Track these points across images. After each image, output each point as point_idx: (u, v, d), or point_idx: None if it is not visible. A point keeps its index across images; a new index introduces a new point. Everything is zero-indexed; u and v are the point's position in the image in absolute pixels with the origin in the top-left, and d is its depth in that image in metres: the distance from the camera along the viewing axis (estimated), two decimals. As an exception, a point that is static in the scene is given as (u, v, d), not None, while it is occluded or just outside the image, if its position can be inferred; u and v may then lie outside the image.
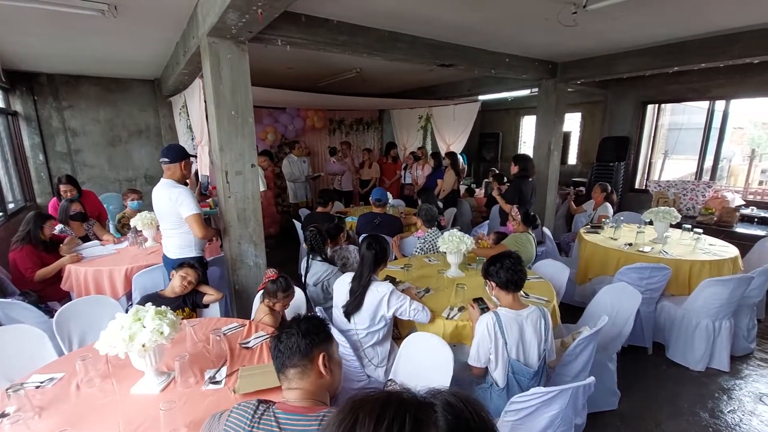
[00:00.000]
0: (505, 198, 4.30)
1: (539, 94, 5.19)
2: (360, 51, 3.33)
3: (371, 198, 4.35)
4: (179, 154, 2.69)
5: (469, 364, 1.94)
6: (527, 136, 8.70)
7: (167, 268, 2.79)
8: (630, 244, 3.61)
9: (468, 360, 1.94)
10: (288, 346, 1.17)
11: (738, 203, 5.16)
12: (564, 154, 7.39)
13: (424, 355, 1.97)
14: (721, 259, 3.26)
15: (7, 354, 1.99)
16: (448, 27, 3.36)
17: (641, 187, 6.70)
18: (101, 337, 1.53)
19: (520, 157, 4.41)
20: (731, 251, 3.43)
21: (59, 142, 5.44)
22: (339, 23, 3.10)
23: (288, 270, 2.47)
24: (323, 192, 4.67)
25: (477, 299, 2.20)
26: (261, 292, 2.28)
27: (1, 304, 2.47)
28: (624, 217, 4.54)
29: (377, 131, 8.90)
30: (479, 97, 6.93)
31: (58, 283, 3.16)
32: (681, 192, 5.60)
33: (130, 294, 3.04)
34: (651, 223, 3.91)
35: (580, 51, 4.35)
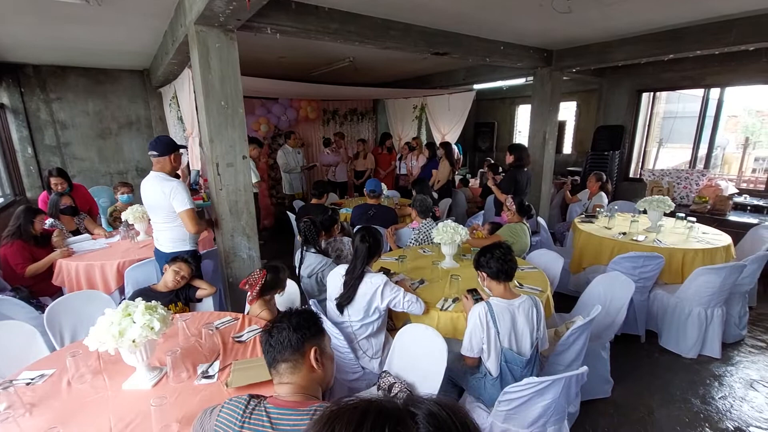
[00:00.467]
0: (501, 188, 4.29)
1: (534, 82, 5.14)
2: (352, 39, 3.26)
3: (365, 189, 4.32)
4: (168, 146, 2.64)
5: (462, 354, 1.94)
6: (522, 125, 8.66)
7: (160, 262, 2.76)
8: (624, 233, 3.62)
9: (461, 350, 1.94)
10: (279, 340, 1.15)
11: (731, 191, 5.18)
12: (559, 143, 7.37)
13: (418, 347, 1.97)
14: (714, 248, 3.28)
15: (-1, 350, 1.97)
16: (441, 14, 3.30)
17: (636, 176, 6.70)
18: (90, 333, 1.51)
19: (515, 147, 4.39)
20: (724, 239, 3.45)
21: (48, 134, 5.34)
22: (330, 10, 3.03)
23: (284, 262, 2.46)
24: (318, 183, 4.64)
25: (471, 290, 2.20)
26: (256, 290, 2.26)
27: (-9, 300, 2.45)
28: (618, 206, 4.56)
29: (372, 121, 8.83)
30: (474, 87, 6.87)
31: (49, 279, 3.13)
32: (675, 181, 5.61)
33: (122, 288, 3.02)
34: (645, 212, 3.92)
35: (575, 38, 4.31)
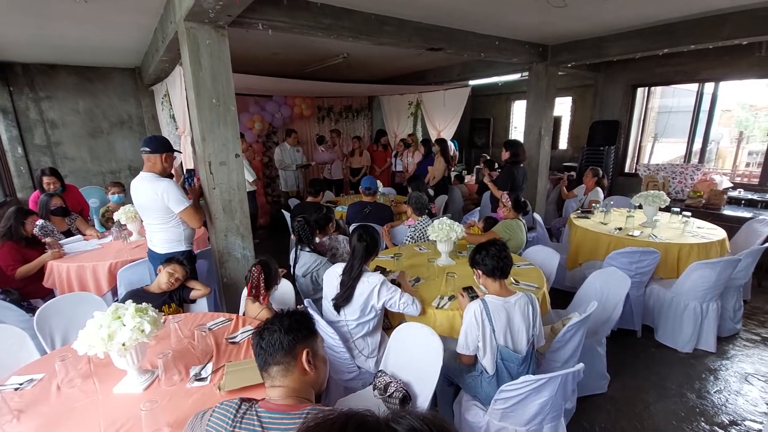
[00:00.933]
0: (497, 184, 4.27)
1: (529, 78, 5.12)
2: (346, 35, 3.22)
3: (361, 187, 4.30)
4: (161, 145, 2.59)
5: (458, 352, 1.93)
6: (518, 121, 8.64)
7: (154, 263, 2.72)
8: (620, 228, 3.62)
9: (456, 348, 1.93)
10: (270, 342, 1.13)
11: (726, 186, 5.19)
12: (555, 138, 7.35)
13: (413, 345, 1.95)
14: (709, 242, 3.28)
15: (-13, 355, 1.94)
16: (436, 9, 3.27)
17: (631, 171, 6.71)
18: (79, 337, 1.48)
19: (510, 143, 4.37)
20: (719, 234, 3.46)
21: (38, 134, 5.26)
22: (323, 6, 2.99)
23: (278, 261, 2.44)
24: (313, 182, 4.60)
25: (467, 288, 2.18)
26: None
27: (-21, 303, 2.41)
28: (614, 202, 4.56)
29: (367, 118, 8.78)
30: (469, 82, 6.85)
31: (40, 281, 3.08)
32: (670, 175, 5.61)
33: (115, 290, 2.98)
34: (641, 207, 3.92)
35: (570, 33, 4.29)
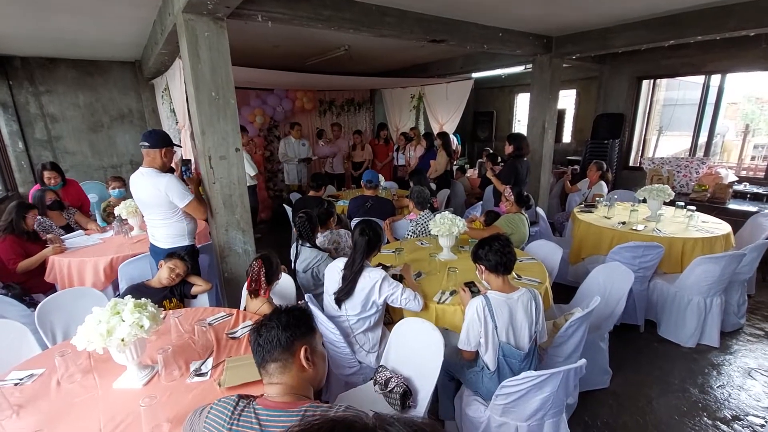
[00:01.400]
0: (501, 178, 4.23)
1: (533, 70, 5.05)
2: (346, 26, 3.18)
3: (362, 180, 4.27)
4: (160, 140, 2.57)
5: (459, 348, 1.92)
6: (522, 114, 8.56)
7: (156, 257, 2.71)
8: (623, 222, 3.58)
9: (458, 344, 1.92)
10: (268, 339, 1.12)
11: (731, 179, 5.13)
12: (558, 132, 7.29)
13: (414, 341, 1.94)
14: (714, 236, 3.25)
15: (-12, 349, 1.94)
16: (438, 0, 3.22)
17: (635, 165, 6.65)
18: (78, 332, 1.47)
19: (514, 136, 4.32)
20: (724, 228, 3.42)
21: (38, 128, 5.24)
22: (323, -4, 2.95)
23: (280, 255, 2.43)
24: (315, 176, 4.59)
25: (468, 283, 2.17)
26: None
27: (-19, 298, 2.41)
28: (618, 196, 4.52)
29: (369, 112, 8.72)
30: (472, 75, 6.77)
31: (42, 275, 3.09)
32: (675, 169, 5.56)
33: (117, 284, 2.98)
34: (645, 201, 3.89)
35: (575, 24, 4.22)
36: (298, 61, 6.02)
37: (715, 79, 5.58)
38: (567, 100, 7.67)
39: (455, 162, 6.91)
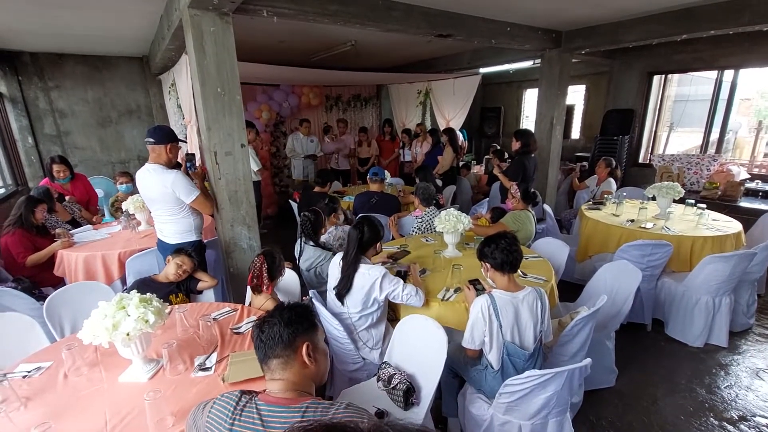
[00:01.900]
0: (508, 175, 4.19)
1: (542, 65, 4.99)
2: (352, 21, 3.15)
3: (368, 175, 4.27)
4: (166, 135, 2.58)
5: (463, 346, 1.91)
6: (530, 110, 8.47)
7: (164, 253, 2.72)
8: (632, 220, 3.54)
9: (462, 342, 1.91)
10: (270, 336, 1.12)
11: (743, 177, 5.04)
12: (567, 128, 7.20)
13: (418, 338, 1.94)
14: (724, 235, 3.20)
15: (-2, 342, 1.97)
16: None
17: (645, 162, 6.56)
18: (84, 326, 1.49)
19: (521, 133, 4.28)
20: (734, 226, 3.36)
21: (47, 123, 5.30)
22: (329, -9, 2.92)
23: (287, 251, 2.44)
24: (321, 172, 4.59)
25: (473, 281, 2.15)
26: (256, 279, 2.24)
27: (-9, 291, 2.45)
28: (626, 193, 4.46)
29: (375, 107, 8.69)
30: (480, 70, 6.71)
31: (51, 269, 3.13)
32: (685, 166, 5.47)
33: (124, 278, 3.01)
34: (654, 199, 3.83)
35: (585, 19, 4.15)
36: (304, 57, 6.00)
37: (728, 75, 5.47)
38: (576, 95, 7.57)
39: (461, 158, 6.87)
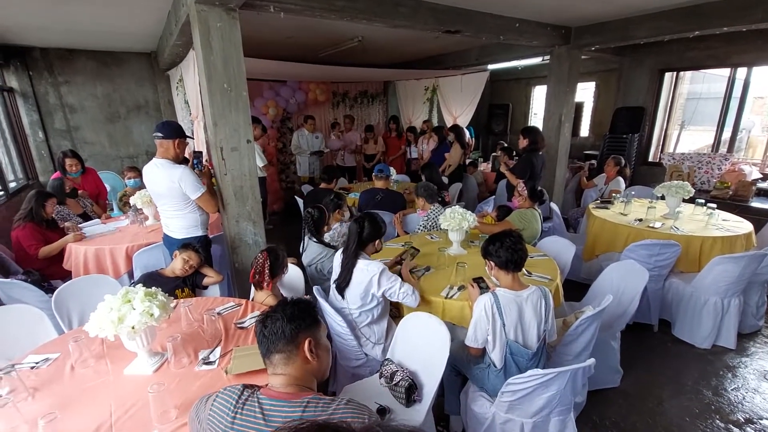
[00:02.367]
0: (516, 173, 4.15)
1: (551, 62, 4.93)
2: (359, 17, 3.14)
3: (374, 172, 4.27)
4: (174, 131, 2.60)
5: (466, 344, 1.90)
6: (538, 107, 8.39)
7: (170, 248, 2.75)
8: (640, 219, 3.50)
9: (465, 341, 1.90)
10: (273, 331, 1.12)
11: (755, 177, 4.95)
12: (576, 125, 7.13)
13: (421, 335, 1.94)
14: (734, 236, 3.15)
15: (8, 333, 2.01)
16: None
17: (655, 160, 6.47)
18: (91, 319, 1.51)
19: (529, 130, 4.23)
20: (745, 227, 3.30)
21: (58, 118, 5.36)
22: (335, -13, 2.91)
23: (292, 247, 2.45)
24: (327, 168, 4.60)
25: (477, 279, 2.14)
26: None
27: (1, 284, 2.49)
28: (635, 192, 4.40)
29: (382, 104, 8.66)
30: (488, 67, 6.65)
31: (61, 262, 3.18)
32: (696, 165, 5.39)
33: (132, 272, 3.05)
34: (663, 198, 3.78)
35: (594, 15, 4.09)
36: (311, 53, 6.00)
37: (741, 72, 5.37)
38: (586, 92, 7.48)
39: (468, 155, 6.83)
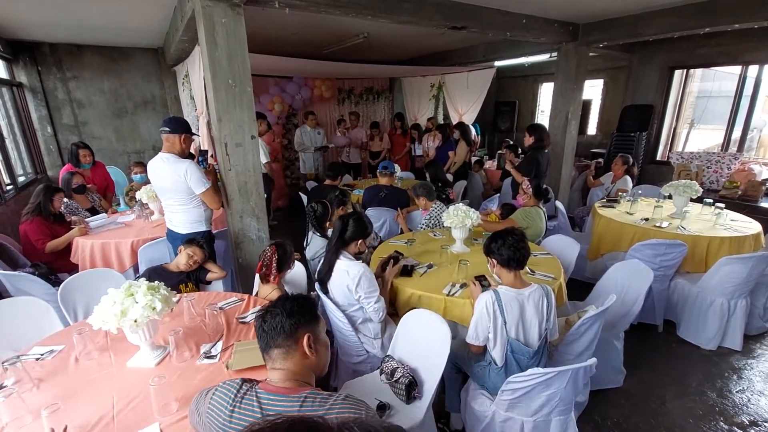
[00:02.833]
0: (520, 170, 4.12)
1: (558, 59, 4.88)
2: (364, 13, 3.13)
3: (378, 168, 4.27)
4: (181, 126, 2.62)
5: (467, 342, 1.90)
6: (546, 104, 8.31)
7: (174, 242, 2.78)
8: (647, 219, 3.46)
9: (466, 338, 1.90)
10: (272, 326, 1.13)
11: (765, 176, 4.88)
12: (583, 123, 7.06)
13: (421, 333, 1.94)
14: (742, 236, 3.10)
15: (15, 325, 2.04)
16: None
17: (663, 159, 6.39)
18: (94, 312, 1.53)
19: (535, 127, 4.20)
20: (754, 227, 3.26)
21: (66, 113, 5.42)
22: (340, -17, 2.90)
23: (296, 242, 2.46)
24: (332, 165, 4.61)
25: (479, 276, 2.14)
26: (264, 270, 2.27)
27: (9, 276, 2.53)
28: (642, 191, 4.36)
29: (388, 101, 8.64)
30: (495, 63, 6.60)
31: (68, 256, 3.22)
32: (705, 164, 5.31)
33: (137, 266, 3.08)
34: (670, 197, 3.73)
35: (603, 11, 4.03)
36: (316, 49, 5.99)
37: (753, 70, 5.28)
38: (594, 90, 7.40)
39: (474, 153, 6.79)
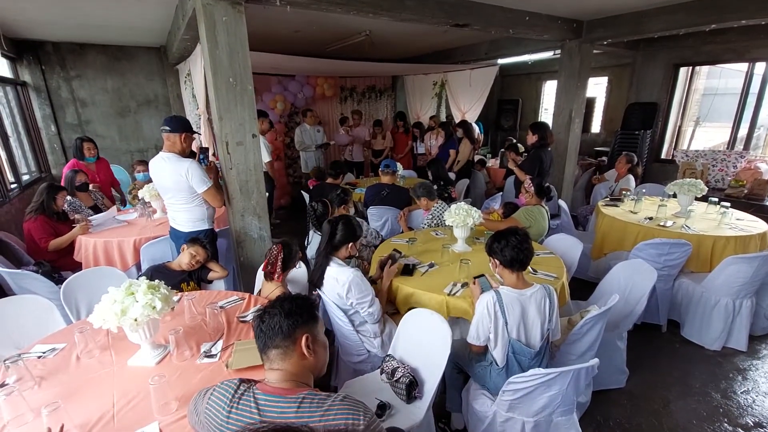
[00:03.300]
0: (523, 168, 4.10)
1: (562, 56, 4.84)
2: (366, 11, 3.11)
3: (380, 167, 4.25)
4: (181, 125, 2.62)
5: (468, 342, 1.89)
6: (549, 102, 8.27)
7: (177, 241, 2.78)
8: (651, 218, 3.43)
9: (467, 338, 1.89)
10: (270, 326, 1.12)
11: (772, 175, 4.83)
12: (587, 121, 7.01)
13: (423, 332, 1.93)
14: (748, 235, 3.07)
15: (18, 323, 2.05)
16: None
17: (668, 157, 6.34)
18: (95, 311, 1.53)
19: (538, 126, 4.17)
20: (760, 226, 3.22)
21: (69, 112, 5.44)
22: (342, -20, 2.89)
23: (299, 242, 2.47)
24: (334, 163, 4.60)
25: (478, 276, 2.12)
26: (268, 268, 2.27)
27: (12, 274, 2.54)
28: (646, 190, 4.32)
29: (390, 99, 8.61)
30: (498, 61, 6.56)
31: (71, 254, 3.24)
32: (710, 163, 5.26)
33: (139, 265, 3.09)
34: (675, 196, 3.70)
35: (607, 7, 4.00)
36: (318, 47, 5.98)
37: (760, 67, 5.22)
38: (598, 88, 7.35)
39: (477, 151, 6.76)
